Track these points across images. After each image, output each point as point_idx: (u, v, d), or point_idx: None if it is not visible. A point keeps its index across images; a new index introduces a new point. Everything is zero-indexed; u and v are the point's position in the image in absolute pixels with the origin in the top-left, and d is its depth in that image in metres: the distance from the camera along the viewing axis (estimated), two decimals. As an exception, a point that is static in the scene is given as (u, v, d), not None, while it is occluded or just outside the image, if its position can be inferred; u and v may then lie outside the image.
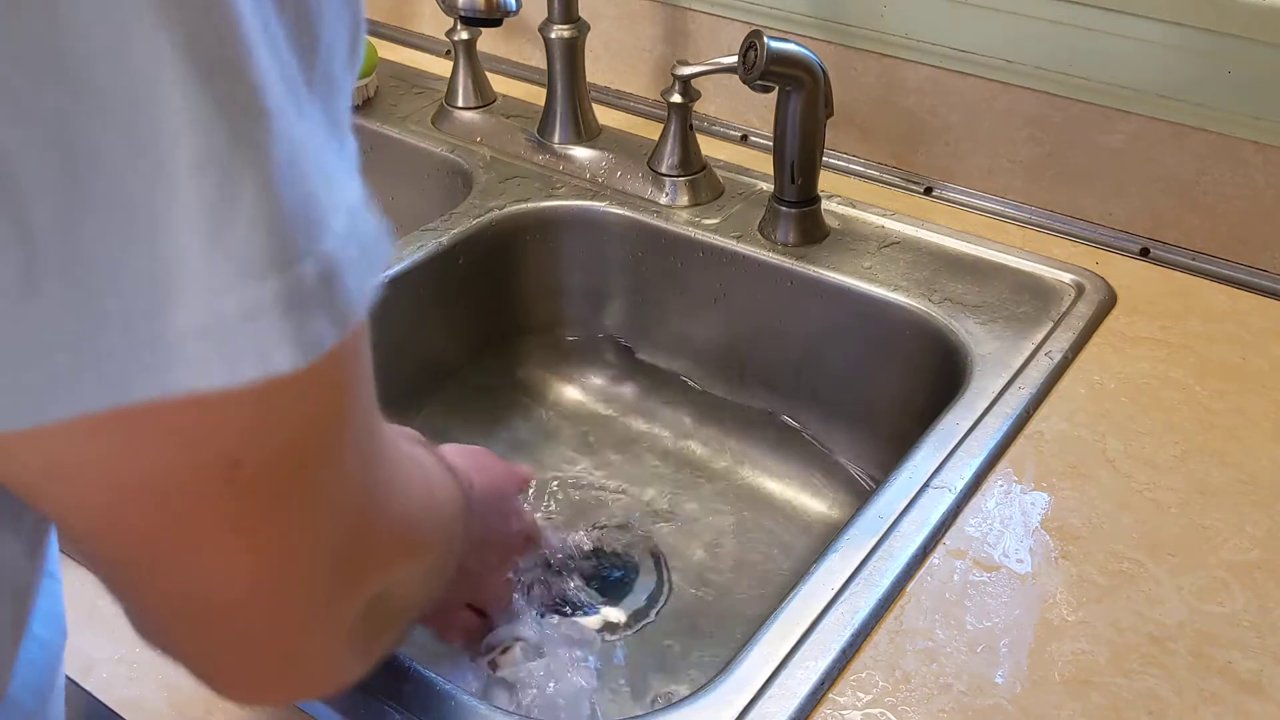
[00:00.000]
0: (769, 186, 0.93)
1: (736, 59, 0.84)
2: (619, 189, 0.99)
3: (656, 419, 0.99)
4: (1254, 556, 0.65)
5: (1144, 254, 0.91)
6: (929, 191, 0.98)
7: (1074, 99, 0.90)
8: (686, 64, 0.92)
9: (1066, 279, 0.86)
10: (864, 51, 0.97)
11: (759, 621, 0.61)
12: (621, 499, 0.92)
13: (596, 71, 1.09)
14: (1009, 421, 0.73)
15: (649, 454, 0.97)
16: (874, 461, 0.91)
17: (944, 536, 0.66)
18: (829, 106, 0.87)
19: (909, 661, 0.59)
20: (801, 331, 0.91)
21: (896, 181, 1.00)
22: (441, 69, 1.16)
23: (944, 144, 0.97)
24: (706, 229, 0.94)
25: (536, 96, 1.07)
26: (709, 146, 1.00)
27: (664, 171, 0.96)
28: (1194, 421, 0.74)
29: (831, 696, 0.57)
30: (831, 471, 0.93)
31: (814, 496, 0.92)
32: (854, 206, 0.95)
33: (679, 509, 0.91)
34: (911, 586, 0.63)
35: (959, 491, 0.68)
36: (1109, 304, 0.84)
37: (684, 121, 0.95)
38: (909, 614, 0.62)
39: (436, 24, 1.22)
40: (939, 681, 0.58)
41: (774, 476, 0.94)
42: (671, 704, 0.58)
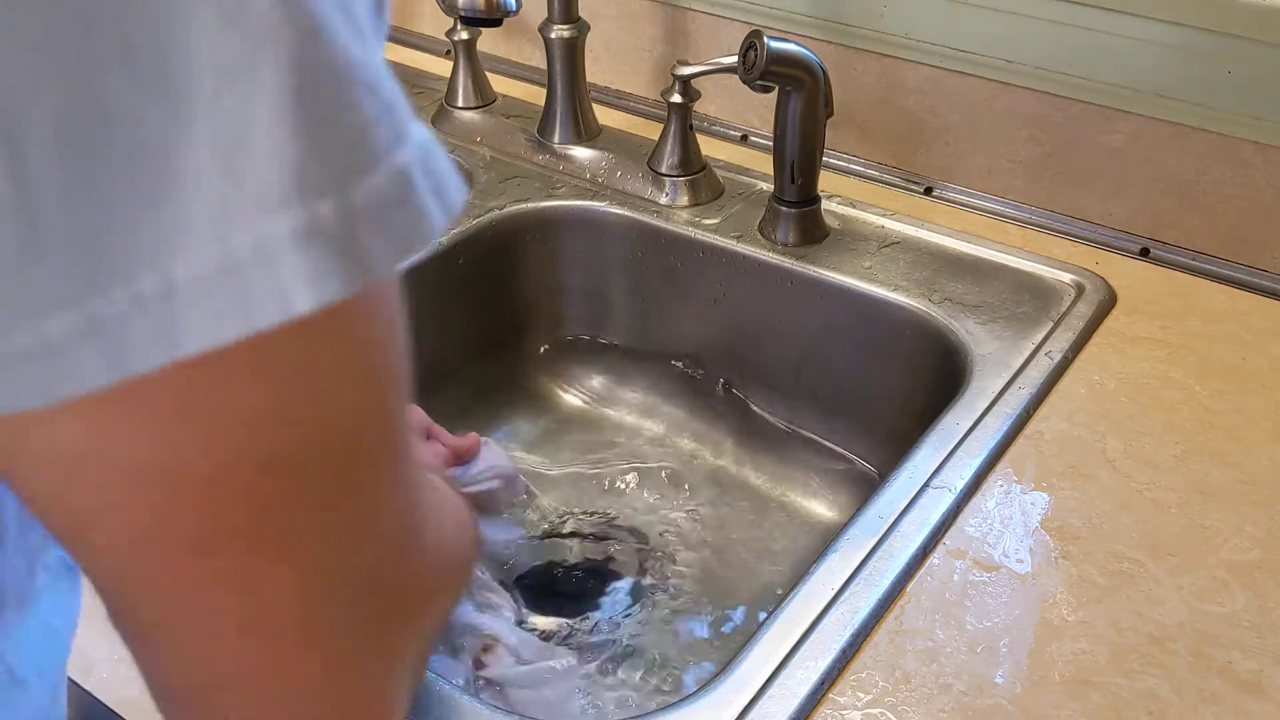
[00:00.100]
0: (769, 186, 0.93)
1: (736, 59, 0.84)
2: (619, 189, 0.99)
3: (656, 419, 0.99)
4: (1254, 556, 0.65)
5: (1144, 254, 0.91)
6: (929, 191, 0.98)
7: (1074, 99, 0.90)
8: (686, 64, 0.92)
9: (1066, 279, 0.86)
10: (864, 51, 0.97)
11: (758, 621, 0.61)
12: (620, 499, 0.92)
13: (596, 71, 1.09)
14: (1009, 421, 0.73)
15: (648, 454, 0.97)
16: (874, 462, 0.91)
17: (944, 536, 0.66)
18: (829, 106, 0.87)
19: (909, 661, 0.59)
20: (801, 331, 0.91)
21: (896, 181, 1.00)
22: (441, 69, 1.16)
23: (944, 144, 0.97)
24: (706, 229, 0.94)
25: (536, 96, 1.07)
26: (709, 146, 1.00)
27: (664, 171, 0.96)
28: (1194, 421, 0.74)
29: (831, 696, 0.57)
30: (831, 471, 0.93)
31: (814, 496, 0.92)
32: (854, 206, 0.95)
33: (678, 508, 0.91)
34: (911, 586, 0.63)
35: (959, 491, 0.68)
36: (1109, 304, 0.84)
37: (684, 121, 0.95)
38: (909, 614, 0.62)
39: (436, 24, 1.22)
40: (939, 681, 0.58)
41: (773, 476, 0.94)
42: (671, 704, 0.58)
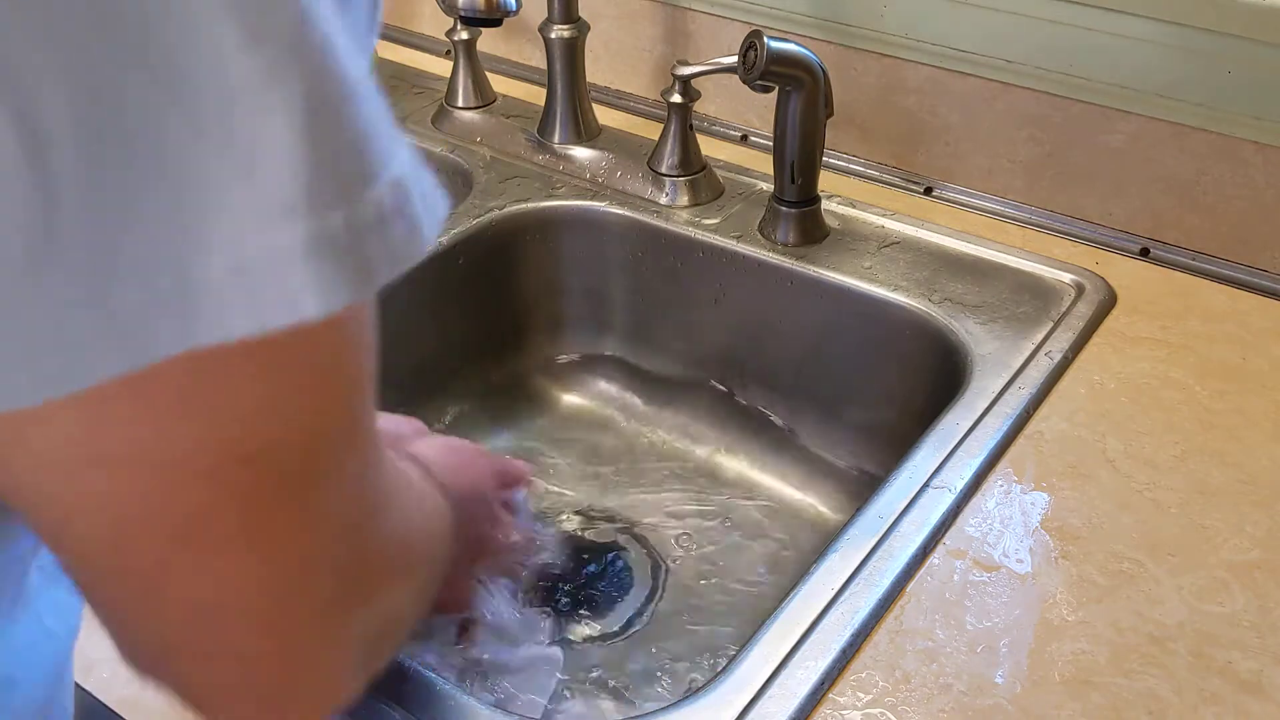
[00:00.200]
0: (769, 186, 0.93)
1: (736, 59, 0.84)
2: (619, 189, 0.99)
3: (656, 419, 0.99)
4: (1254, 556, 0.65)
5: (1144, 254, 0.91)
6: (929, 191, 0.98)
7: (1074, 99, 0.90)
8: (686, 64, 0.92)
9: (1066, 279, 0.86)
10: (864, 51, 0.97)
11: (758, 622, 0.61)
12: (620, 498, 0.92)
13: (596, 71, 1.09)
14: (1009, 421, 0.73)
15: (648, 454, 0.97)
16: (874, 461, 0.91)
17: (944, 536, 0.66)
18: (829, 106, 0.87)
19: (909, 661, 0.59)
20: (801, 331, 0.91)
21: (896, 181, 1.00)
22: (441, 69, 1.16)
23: (944, 144, 0.97)
24: (706, 229, 0.94)
25: (536, 96, 1.07)
26: (709, 146, 1.00)
27: (664, 171, 0.96)
28: (1194, 421, 0.74)
29: (831, 696, 0.57)
30: (831, 471, 0.93)
31: (814, 496, 0.92)
32: (854, 206, 0.95)
33: (677, 508, 0.91)
34: (911, 586, 0.63)
35: (959, 491, 0.68)
36: (1109, 304, 0.84)
37: (684, 121, 0.95)
38: (909, 614, 0.62)
39: (436, 24, 1.22)
40: (939, 681, 0.58)
41: (774, 476, 0.94)
42: (671, 704, 0.58)
